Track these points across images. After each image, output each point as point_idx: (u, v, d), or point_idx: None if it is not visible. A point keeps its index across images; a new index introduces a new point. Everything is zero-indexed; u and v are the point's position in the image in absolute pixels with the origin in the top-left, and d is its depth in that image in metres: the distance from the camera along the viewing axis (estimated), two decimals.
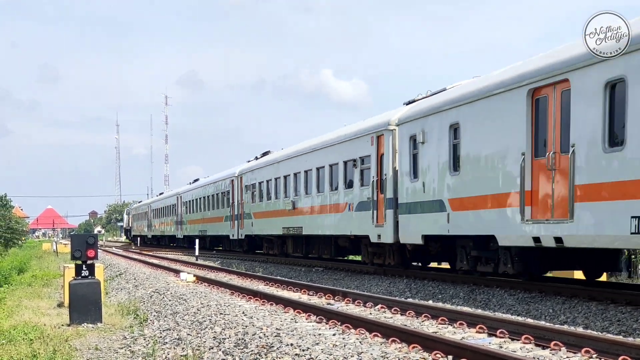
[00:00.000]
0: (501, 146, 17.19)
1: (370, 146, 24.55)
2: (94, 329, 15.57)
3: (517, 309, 15.64)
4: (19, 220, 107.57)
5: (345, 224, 26.55)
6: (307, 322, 14.16)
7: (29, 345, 12.90)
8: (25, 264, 43.94)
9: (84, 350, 13.17)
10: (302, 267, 30.37)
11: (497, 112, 17.33)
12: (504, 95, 17.04)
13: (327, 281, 24.66)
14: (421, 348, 10.54)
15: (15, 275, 35.72)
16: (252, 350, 11.42)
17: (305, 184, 30.94)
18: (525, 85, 16.26)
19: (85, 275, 16.62)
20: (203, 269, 32.88)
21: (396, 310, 15.31)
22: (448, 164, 19.57)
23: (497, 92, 17.36)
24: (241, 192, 42.32)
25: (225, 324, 14.05)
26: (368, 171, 24.89)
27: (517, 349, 10.77)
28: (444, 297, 18.55)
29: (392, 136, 23.04)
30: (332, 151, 28.32)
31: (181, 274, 26.33)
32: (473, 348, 9.77)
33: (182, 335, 13.91)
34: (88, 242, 16.69)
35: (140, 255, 52.82)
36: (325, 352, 10.49)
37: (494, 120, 17.46)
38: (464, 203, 18.70)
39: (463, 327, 12.85)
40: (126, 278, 29.45)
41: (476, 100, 18.21)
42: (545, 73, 15.84)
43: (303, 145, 32.81)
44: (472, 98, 18.43)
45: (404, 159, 22.13)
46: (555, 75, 15.49)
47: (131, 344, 13.82)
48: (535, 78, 16.08)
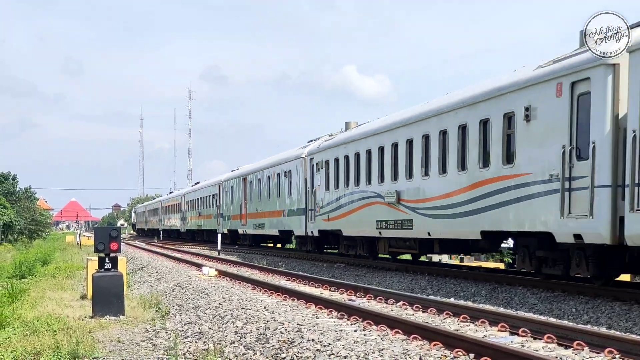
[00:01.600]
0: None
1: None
2: (117, 322, 15.65)
3: (540, 308, 15.55)
4: (43, 213, 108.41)
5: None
6: (329, 317, 14.16)
7: (52, 337, 13.00)
8: (49, 256, 44.25)
9: (107, 342, 13.26)
10: (324, 263, 30.36)
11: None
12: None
13: (349, 277, 24.65)
14: (443, 346, 10.50)
15: (39, 267, 35.99)
16: (273, 345, 11.44)
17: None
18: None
19: (108, 267, 16.71)
20: (225, 263, 32.95)
21: (418, 307, 15.28)
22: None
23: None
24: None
25: (246, 319, 14.07)
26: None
27: (539, 348, 10.71)
28: (466, 294, 18.48)
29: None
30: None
31: (203, 268, 26.40)
32: (495, 347, 9.72)
33: (203, 329, 13.95)
34: (111, 235, 16.79)
35: (162, 248, 53.03)
36: (347, 348, 10.47)
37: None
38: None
39: (485, 325, 12.79)
40: (148, 271, 29.61)
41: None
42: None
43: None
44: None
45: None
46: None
47: (153, 337, 13.90)
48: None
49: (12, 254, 55.64)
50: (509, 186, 17.93)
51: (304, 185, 33.82)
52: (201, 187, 65.36)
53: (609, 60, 14.66)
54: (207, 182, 63.41)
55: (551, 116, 16.33)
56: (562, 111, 15.88)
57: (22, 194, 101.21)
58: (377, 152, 25.80)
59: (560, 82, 16.06)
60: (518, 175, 17.61)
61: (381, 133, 25.82)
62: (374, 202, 25.82)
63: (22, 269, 34.34)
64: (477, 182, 19.38)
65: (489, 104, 18.97)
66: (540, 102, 16.74)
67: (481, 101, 19.37)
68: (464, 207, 19.91)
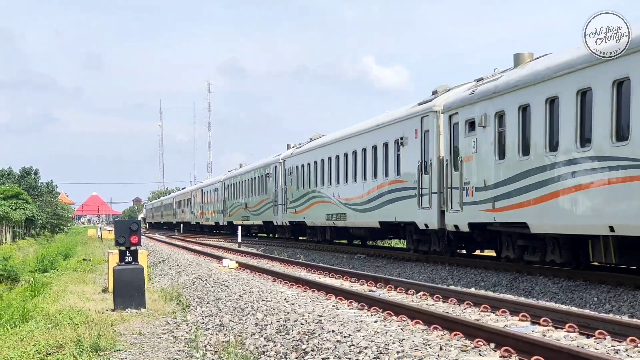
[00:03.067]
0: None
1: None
2: (138, 315, 15.73)
3: (561, 297, 15.48)
4: (64, 207, 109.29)
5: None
6: (349, 308, 14.15)
7: (74, 330, 13.09)
8: (71, 249, 44.61)
9: (128, 335, 13.33)
10: (344, 255, 30.37)
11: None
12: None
13: (369, 268, 24.64)
14: (463, 335, 10.47)
15: (61, 260, 36.28)
16: (293, 336, 11.45)
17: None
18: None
19: (128, 261, 16.79)
20: (245, 255, 33.04)
21: (438, 298, 15.25)
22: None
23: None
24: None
25: (267, 311, 14.09)
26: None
27: (560, 337, 10.65)
28: (487, 284, 18.42)
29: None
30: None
31: (223, 260, 26.48)
32: (516, 336, 9.68)
33: (224, 321, 13.99)
34: (131, 229, 16.85)
35: (183, 241, 53.23)
36: (367, 339, 10.47)
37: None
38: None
39: (506, 315, 12.75)
40: (169, 264, 29.73)
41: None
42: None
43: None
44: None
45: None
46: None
47: (174, 329, 13.96)
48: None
49: (35, 248, 56.11)
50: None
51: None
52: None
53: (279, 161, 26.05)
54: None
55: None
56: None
57: (44, 188, 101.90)
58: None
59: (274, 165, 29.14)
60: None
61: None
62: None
63: (45, 263, 34.65)
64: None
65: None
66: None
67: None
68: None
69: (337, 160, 31.69)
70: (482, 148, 19.77)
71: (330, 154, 32.70)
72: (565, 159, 16.16)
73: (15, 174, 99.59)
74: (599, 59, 14.74)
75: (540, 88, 17.12)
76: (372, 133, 27.90)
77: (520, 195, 17.80)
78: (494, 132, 19.22)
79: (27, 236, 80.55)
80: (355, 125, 31.79)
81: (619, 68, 14.48)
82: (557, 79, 16.48)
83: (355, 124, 32.08)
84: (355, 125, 31.79)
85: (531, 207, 17.37)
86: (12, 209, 66.93)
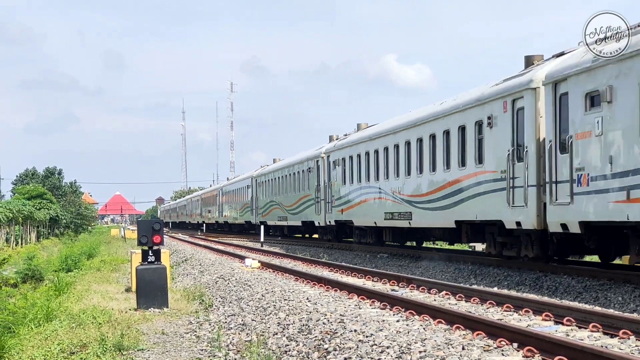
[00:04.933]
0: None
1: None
2: (161, 314, 15.79)
3: (585, 297, 15.38)
4: (88, 207, 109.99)
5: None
6: (371, 308, 14.14)
7: (97, 329, 13.16)
8: (94, 249, 44.84)
9: (151, 334, 13.38)
10: (367, 254, 30.33)
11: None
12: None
13: (392, 267, 24.60)
14: (485, 335, 10.43)
15: (84, 260, 36.49)
16: (315, 336, 11.45)
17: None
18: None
19: (151, 260, 16.86)
20: (268, 255, 33.08)
21: (461, 297, 15.20)
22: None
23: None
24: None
25: (289, 310, 14.11)
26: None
27: (584, 337, 10.59)
28: (510, 283, 18.34)
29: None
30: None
31: (246, 260, 26.52)
32: (539, 336, 9.63)
33: (246, 320, 14.02)
34: (154, 228, 16.92)
35: (205, 241, 53.37)
36: (389, 338, 10.45)
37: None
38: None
39: (529, 315, 12.69)
40: (192, 264, 29.82)
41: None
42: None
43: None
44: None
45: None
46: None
47: (197, 329, 14.00)
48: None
49: (59, 248, 56.45)
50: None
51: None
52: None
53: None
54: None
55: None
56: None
57: (68, 188, 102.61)
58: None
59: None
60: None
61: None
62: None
63: (69, 263, 34.85)
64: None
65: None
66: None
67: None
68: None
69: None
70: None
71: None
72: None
73: (39, 174, 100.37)
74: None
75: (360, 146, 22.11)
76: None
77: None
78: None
79: (51, 236, 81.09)
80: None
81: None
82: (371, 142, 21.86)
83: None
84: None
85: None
86: (36, 209, 67.38)
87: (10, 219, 56.21)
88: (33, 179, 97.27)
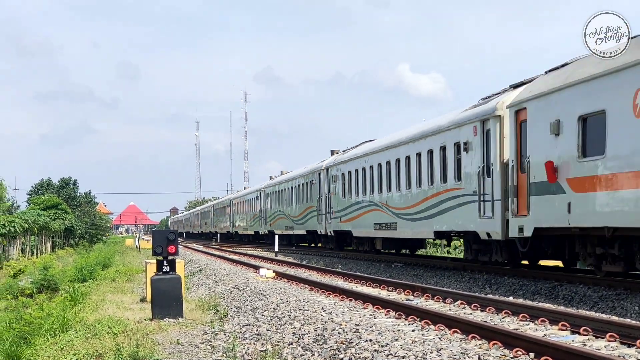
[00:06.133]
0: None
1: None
2: (176, 324, 15.80)
3: (601, 306, 15.30)
4: (103, 217, 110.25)
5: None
6: (386, 317, 14.11)
7: (113, 339, 13.19)
8: (109, 259, 44.94)
9: (166, 344, 13.40)
10: (381, 263, 30.30)
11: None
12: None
13: (406, 277, 24.55)
14: (502, 345, 10.39)
15: (99, 270, 36.57)
16: (331, 345, 11.44)
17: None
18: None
19: (166, 270, 16.88)
20: (282, 264, 33.08)
21: (476, 306, 15.15)
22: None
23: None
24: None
25: (304, 320, 14.10)
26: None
27: (601, 347, 10.53)
28: (525, 293, 18.26)
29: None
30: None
31: (260, 270, 26.53)
32: (555, 345, 9.59)
33: (261, 330, 14.01)
34: (169, 238, 16.95)
35: (220, 251, 53.43)
36: (405, 348, 10.43)
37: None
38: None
39: (545, 324, 12.63)
40: (206, 274, 29.85)
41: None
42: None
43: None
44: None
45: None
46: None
47: (212, 339, 14.00)
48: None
49: (74, 258, 56.64)
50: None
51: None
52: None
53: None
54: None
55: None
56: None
57: (83, 198, 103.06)
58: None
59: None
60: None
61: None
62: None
63: (84, 273, 34.94)
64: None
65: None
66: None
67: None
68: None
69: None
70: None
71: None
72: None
73: (55, 184, 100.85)
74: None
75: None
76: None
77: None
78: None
79: (66, 246, 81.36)
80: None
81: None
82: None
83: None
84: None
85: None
86: (51, 219, 67.63)
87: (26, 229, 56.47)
88: (48, 189, 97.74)
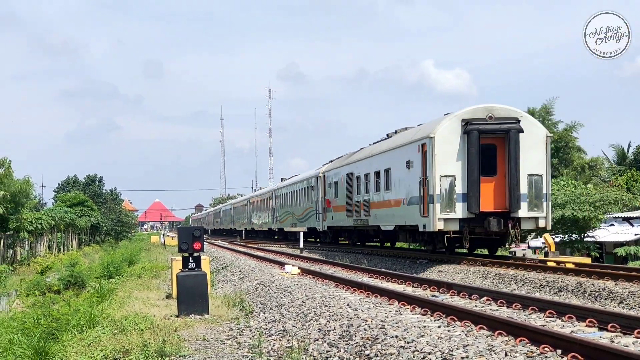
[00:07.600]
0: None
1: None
2: (201, 320, 15.86)
3: (629, 303, 15.19)
4: (128, 214, 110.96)
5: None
6: (412, 314, 14.08)
7: (139, 335, 13.26)
8: (135, 256, 45.24)
9: (192, 341, 13.45)
10: (406, 259, 30.25)
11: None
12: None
13: (431, 273, 24.49)
14: (528, 341, 10.33)
15: (125, 267, 36.82)
16: (357, 342, 11.43)
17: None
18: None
19: (192, 267, 16.94)
20: (307, 261, 33.10)
21: (502, 303, 15.08)
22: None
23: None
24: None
25: (330, 316, 14.09)
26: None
27: (629, 344, 10.45)
28: (552, 289, 18.16)
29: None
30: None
31: (286, 266, 26.54)
32: (583, 342, 9.52)
33: (287, 327, 14.03)
34: (194, 235, 17.00)
35: (245, 247, 53.57)
36: (431, 344, 10.40)
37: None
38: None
39: (572, 321, 12.55)
40: (232, 270, 29.92)
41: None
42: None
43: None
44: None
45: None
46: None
47: (237, 335, 14.04)
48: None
49: (100, 255, 57.09)
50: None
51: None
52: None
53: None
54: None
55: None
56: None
57: (108, 195, 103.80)
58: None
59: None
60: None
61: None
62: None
63: (110, 270, 35.21)
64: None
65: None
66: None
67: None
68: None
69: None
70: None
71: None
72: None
73: (80, 181, 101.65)
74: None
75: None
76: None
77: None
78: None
79: (92, 243, 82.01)
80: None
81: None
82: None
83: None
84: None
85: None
86: (77, 216, 68.20)
87: (53, 226, 56.94)
88: (74, 186, 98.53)
